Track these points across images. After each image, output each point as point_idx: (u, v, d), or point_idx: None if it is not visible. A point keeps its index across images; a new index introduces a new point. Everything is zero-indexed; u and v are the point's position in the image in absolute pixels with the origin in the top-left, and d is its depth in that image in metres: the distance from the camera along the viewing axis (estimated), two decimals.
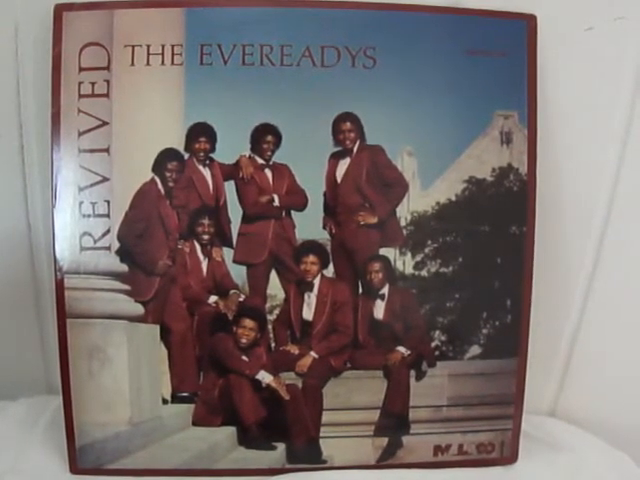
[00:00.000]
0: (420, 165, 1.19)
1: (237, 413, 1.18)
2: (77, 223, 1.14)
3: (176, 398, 1.19)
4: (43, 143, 1.20)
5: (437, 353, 1.22)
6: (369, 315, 1.22)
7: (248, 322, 1.19)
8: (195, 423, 1.19)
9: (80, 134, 1.13)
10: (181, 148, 1.17)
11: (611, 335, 1.32)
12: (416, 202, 1.20)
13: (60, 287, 1.13)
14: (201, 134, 1.16)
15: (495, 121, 1.20)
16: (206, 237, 1.20)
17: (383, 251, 1.21)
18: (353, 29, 1.15)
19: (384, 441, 1.20)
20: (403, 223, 1.20)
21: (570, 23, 1.22)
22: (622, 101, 1.24)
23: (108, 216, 1.15)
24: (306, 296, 1.22)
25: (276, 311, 1.21)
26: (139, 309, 1.17)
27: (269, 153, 1.19)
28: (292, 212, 1.21)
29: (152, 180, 1.16)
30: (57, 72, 1.12)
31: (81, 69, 1.13)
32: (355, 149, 1.20)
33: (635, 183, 1.27)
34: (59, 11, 1.12)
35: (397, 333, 1.21)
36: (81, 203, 1.14)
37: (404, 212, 1.20)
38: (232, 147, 1.18)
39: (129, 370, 1.14)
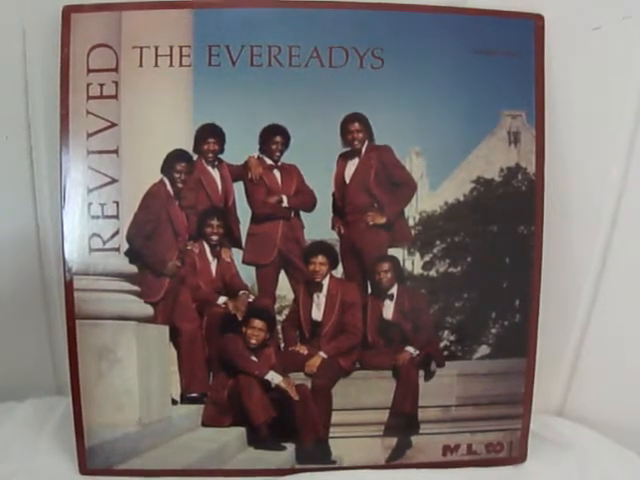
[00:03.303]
0: (428, 165, 1.19)
1: (246, 413, 1.18)
2: (86, 224, 1.14)
3: (185, 399, 1.20)
4: (52, 145, 1.20)
5: (446, 353, 1.22)
6: (378, 315, 1.22)
7: (257, 323, 1.19)
8: (204, 424, 1.19)
9: (89, 135, 1.13)
10: (190, 149, 1.17)
11: (619, 334, 1.32)
12: (424, 202, 1.20)
13: (69, 288, 1.13)
14: (210, 135, 1.16)
15: (503, 121, 1.20)
16: (215, 238, 1.20)
17: (392, 251, 1.21)
18: (361, 30, 1.16)
19: (393, 441, 1.21)
20: (412, 223, 1.21)
21: (577, 22, 1.22)
22: (630, 100, 1.24)
23: (117, 217, 1.15)
24: (315, 296, 1.22)
25: (285, 311, 1.22)
26: (148, 310, 1.17)
27: (278, 154, 1.19)
28: (301, 212, 1.22)
29: (161, 181, 1.17)
30: (65, 74, 1.13)
31: (89, 70, 1.13)
32: (364, 149, 1.20)
33: None
34: (67, 13, 1.13)
35: (406, 333, 1.21)
36: (90, 204, 1.14)
37: (413, 212, 1.20)
38: (241, 148, 1.19)
39: (138, 371, 1.15)
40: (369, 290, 1.22)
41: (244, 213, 1.19)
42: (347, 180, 1.21)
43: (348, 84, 1.16)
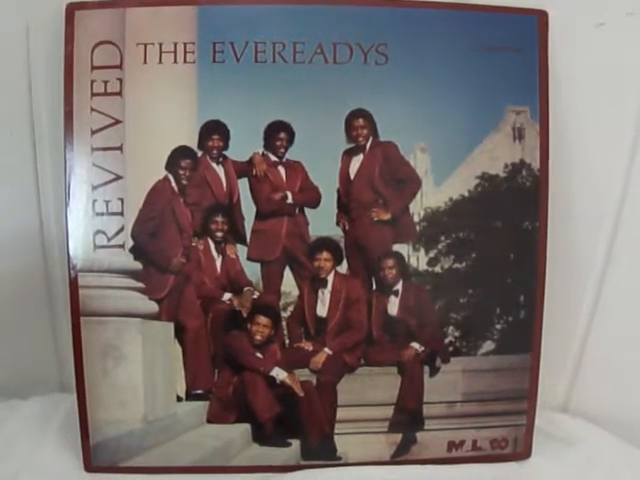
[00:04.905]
0: (433, 161, 1.19)
1: (251, 410, 1.18)
2: (90, 221, 1.14)
3: (190, 395, 1.19)
4: (56, 142, 1.19)
5: (451, 349, 1.22)
6: (383, 311, 1.22)
7: (262, 319, 1.19)
8: (209, 420, 1.19)
9: (93, 132, 1.13)
10: (194, 146, 1.17)
11: (623, 330, 1.31)
12: (429, 198, 1.20)
13: (74, 285, 1.13)
14: (214, 131, 1.16)
15: (507, 117, 1.20)
16: (220, 234, 1.20)
17: (396, 247, 1.21)
18: (365, 26, 1.15)
19: (398, 437, 1.21)
20: (416, 219, 1.21)
21: (581, 19, 1.22)
22: (634, 96, 1.24)
23: (122, 214, 1.15)
24: (320, 293, 1.22)
25: (290, 308, 1.22)
26: (153, 307, 1.17)
27: (282, 150, 1.19)
28: (305, 209, 1.21)
29: (165, 178, 1.17)
30: (69, 71, 1.12)
31: (93, 67, 1.13)
32: (368, 145, 1.20)
33: None
34: (71, 9, 1.13)
35: (411, 329, 1.21)
36: (94, 201, 1.14)
37: (417, 208, 1.20)
38: (245, 144, 1.18)
39: (143, 368, 1.15)
40: (374, 286, 1.22)
41: (249, 210, 1.19)
42: (352, 176, 1.21)
43: (352, 80, 1.16)
